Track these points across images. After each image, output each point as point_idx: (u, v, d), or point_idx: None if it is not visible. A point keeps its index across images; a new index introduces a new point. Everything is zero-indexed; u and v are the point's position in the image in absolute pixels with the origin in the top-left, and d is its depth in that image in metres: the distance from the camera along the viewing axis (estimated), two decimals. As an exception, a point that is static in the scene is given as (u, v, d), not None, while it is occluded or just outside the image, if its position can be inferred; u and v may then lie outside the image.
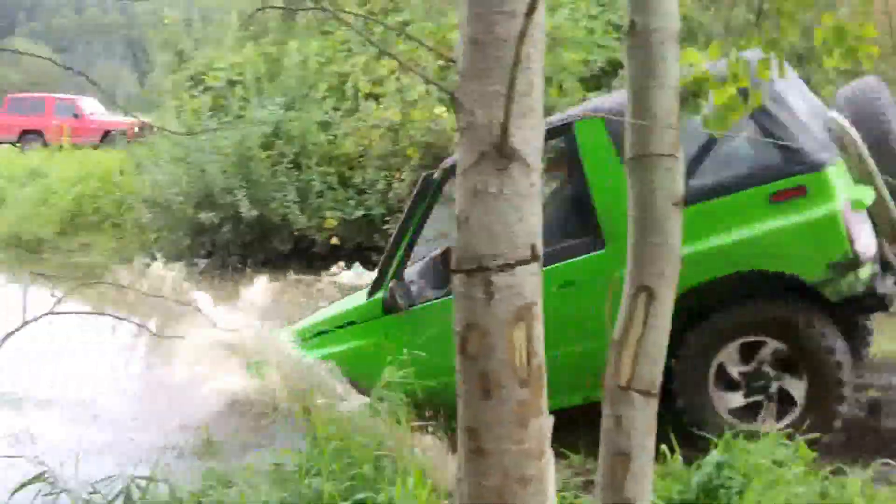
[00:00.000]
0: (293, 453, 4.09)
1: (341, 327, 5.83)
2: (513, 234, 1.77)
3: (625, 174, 2.55)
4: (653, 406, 2.46)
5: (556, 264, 4.97)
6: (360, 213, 12.40)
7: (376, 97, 13.12)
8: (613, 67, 12.02)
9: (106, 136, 23.90)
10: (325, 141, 13.06)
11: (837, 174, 4.81)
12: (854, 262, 4.62)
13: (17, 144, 24.05)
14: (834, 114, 5.01)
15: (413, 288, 5.61)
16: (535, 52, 1.75)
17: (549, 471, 1.98)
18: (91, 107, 26.53)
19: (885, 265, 4.89)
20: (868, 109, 5.04)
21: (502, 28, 1.72)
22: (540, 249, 1.83)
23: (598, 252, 5.04)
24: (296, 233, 12.66)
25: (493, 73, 1.72)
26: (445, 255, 5.99)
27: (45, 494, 3.71)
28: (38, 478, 3.71)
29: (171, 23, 16.02)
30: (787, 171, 4.77)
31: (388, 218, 11.98)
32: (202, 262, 12.99)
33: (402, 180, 11.81)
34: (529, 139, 1.77)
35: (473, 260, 1.77)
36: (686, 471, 3.97)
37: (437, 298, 5.42)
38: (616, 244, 4.50)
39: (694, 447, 4.30)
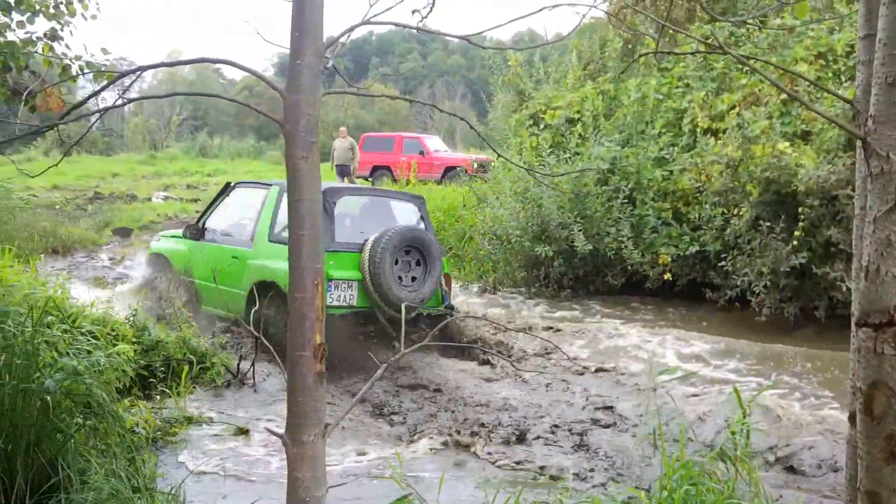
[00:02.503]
0: (641, 493, 4.06)
1: (179, 236, 10.81)
2: (929, 287, 1.66)
3: (269, 219, 9.47)
4: None
5: (230, 246, 9.88)
6: (694, 249, 12.14)
7: (714, 133, 12.82)
8: None
9: (447, 173, 25.33)
10: (660, 177, 12.95)
11: (329, 258, 8.37)
12: None
13: (369, 179, 26.10)
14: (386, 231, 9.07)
15: (207, 231, 10.41)
16: (962, 94, 1.64)
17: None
18: (435, 144, 28.27)
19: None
20: None
21: (924, 70, 1.63)
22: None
23: (247, 249, 9.60)
24: (629, 268, 12.65)
25: (913, 117, 1.63)
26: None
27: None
28: (403, 500, 3.84)
29: (514, 64, 16.71)
30: None
31: (723, 255, 11.62)
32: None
33: (741, 217, 11.40)
34: (951, 187, 1.65)
35: (883, 313, 1.68)
36: None
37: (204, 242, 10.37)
38: (256, 249, 9.47)
39: None
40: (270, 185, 10.04)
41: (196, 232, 10.44)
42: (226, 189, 10.63)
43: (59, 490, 4.47)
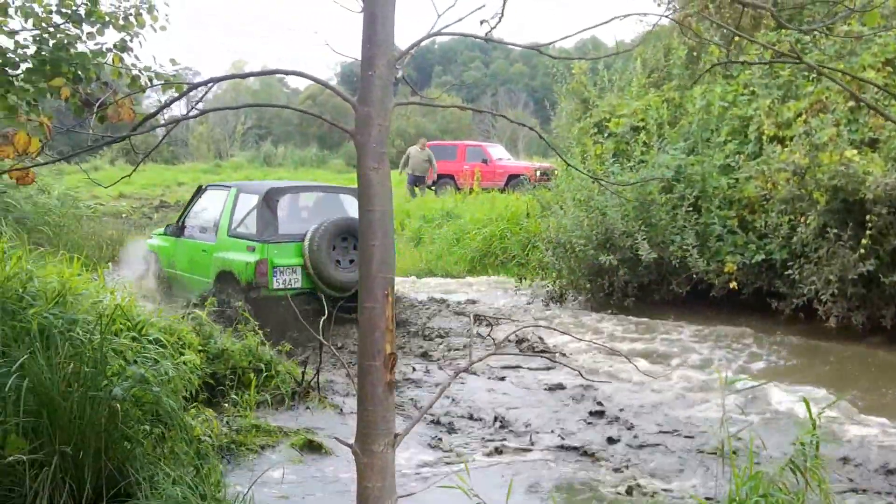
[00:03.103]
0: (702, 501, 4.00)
1: (164, 234, 12.58)
2: None
3: (228, 216, 11.35)
4: None
5: (201, 241, 11.50)
6: (760, 257, 11.92)
7: (781, 140, 12.59)
8: None
9: (510, 181, 25.31)
10: (725, 185, 12.76)
11: (273, 248, 10.41)
12: (251, 286, 10.27)
13: (432, 188, 26.17)
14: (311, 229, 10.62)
15: (185, 228, 12.08)
16: None
17: None
18: (498, 153, 28.30)
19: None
20: None
21: None
22: None
23: (212, 243, 11.25)
24: (694, 276, 12.48)
25: None
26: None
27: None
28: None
29: (578, 72, 16.58)
30: (255, 238, 10.50)
31: (790, 263, 11.40)
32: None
33: (808, 225, 11.18)
34: None
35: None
36: None
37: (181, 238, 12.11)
38: (218, 243, 11.09)
39: None
40: (230, 186, 11.86)
41: (177, 230, 12.20)
42: (198, 191, 12.56)
43: (127, 496, 4.54)
